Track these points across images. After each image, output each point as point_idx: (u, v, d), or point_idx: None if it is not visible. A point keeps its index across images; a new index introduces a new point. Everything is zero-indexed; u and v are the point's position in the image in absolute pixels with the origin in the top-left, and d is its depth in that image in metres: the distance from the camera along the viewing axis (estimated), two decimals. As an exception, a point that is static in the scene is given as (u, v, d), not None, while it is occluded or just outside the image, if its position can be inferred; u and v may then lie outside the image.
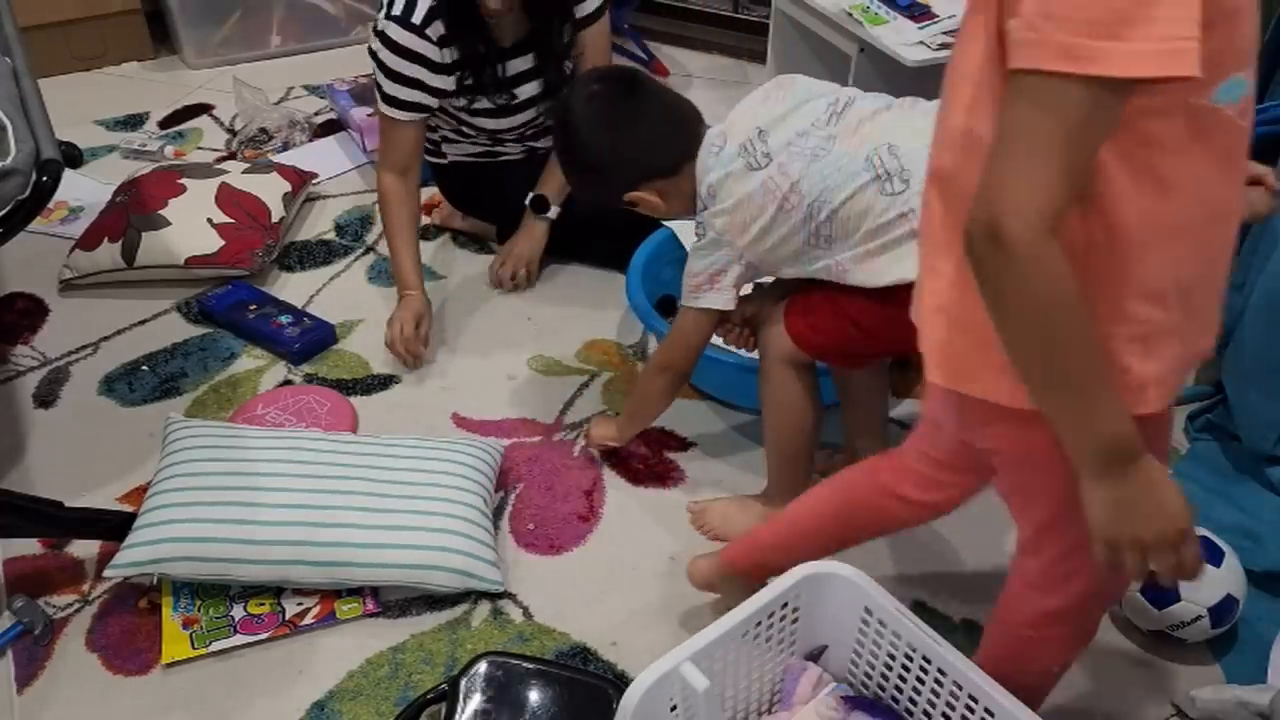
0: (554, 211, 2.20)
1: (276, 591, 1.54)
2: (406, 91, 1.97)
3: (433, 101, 2.01)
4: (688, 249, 2.07)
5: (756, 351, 1.67)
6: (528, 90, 2.08)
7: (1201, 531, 1.52)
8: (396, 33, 1.93)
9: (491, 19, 1.95)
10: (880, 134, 1.42)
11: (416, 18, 1.92)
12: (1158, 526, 0.88)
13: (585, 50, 2.11)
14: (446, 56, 1.96)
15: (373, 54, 1.97)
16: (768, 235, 1.47)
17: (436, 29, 1.94)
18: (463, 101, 2.06)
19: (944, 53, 2.09)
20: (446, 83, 1.99)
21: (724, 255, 1.52)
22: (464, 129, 2.16)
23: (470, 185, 2.31)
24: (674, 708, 1.16)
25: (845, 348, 1.55)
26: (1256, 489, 1.72)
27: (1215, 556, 1.47)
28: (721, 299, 1.54)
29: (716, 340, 1.97)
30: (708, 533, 1.69)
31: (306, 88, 3.03)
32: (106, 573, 1.49)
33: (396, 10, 1.93)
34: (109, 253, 2.15)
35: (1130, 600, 1.49)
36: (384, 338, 2.03)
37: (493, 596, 1.56)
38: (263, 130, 2.70)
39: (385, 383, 1.99)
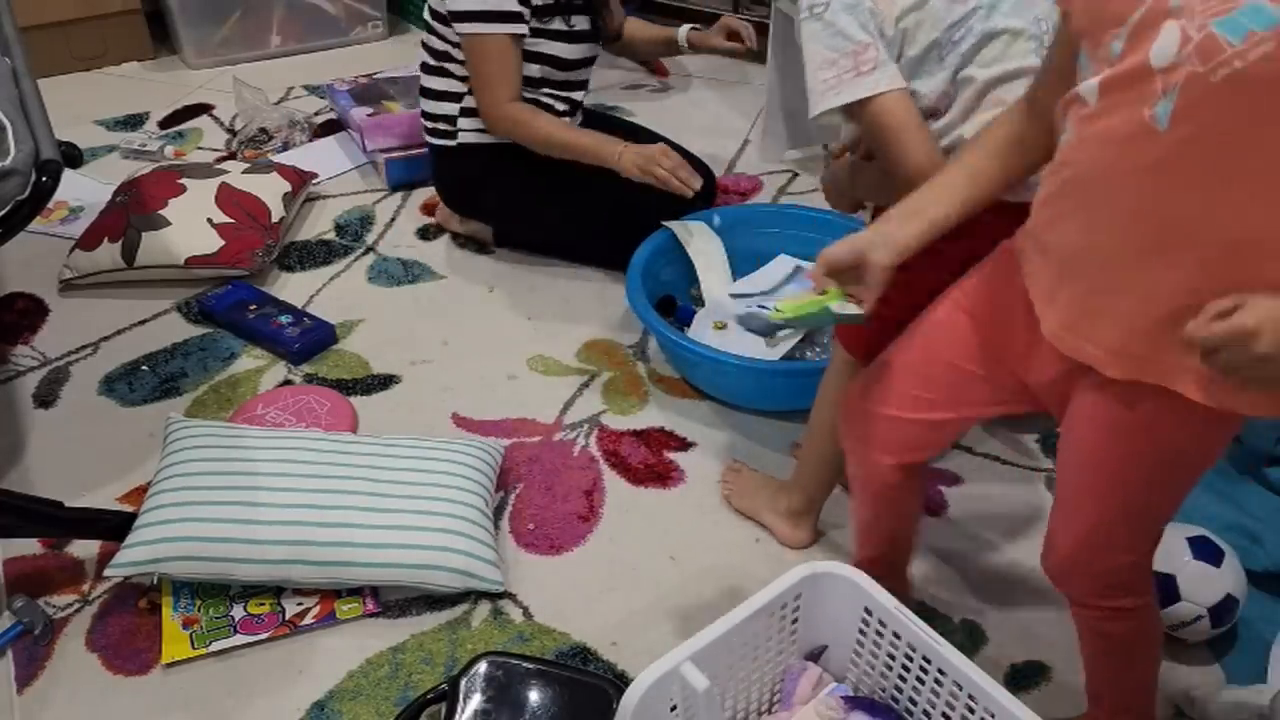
0: None
1: (276, 591, 1.54)
2: (499, 2, 1.98)
3: (525, 11, 2.01)
4: (688, 249, 2.09)
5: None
6: (580, 22, 2.12)
7: (1201, 531, 1.52)
8: None
9: None
10: None
11: None
12: None
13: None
14: None
15: None
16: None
17: None
18: (548, 22, 2.07)
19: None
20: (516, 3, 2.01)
21: (854, 25, 1.24)
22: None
23: (471, 178, 2.26)
24: (674, 708, 1.16)
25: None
26: (1256, 489, 1.73)
27: (1215, 556, 1.47)
28: (885, 76, 1.23)
29: (715, 341, 1.98)
30: (726, 493, 1.73)
31: (306, 88, 3.03)
32: (106, 572, 1.49)
33: None
34: (109, 253, 2.15)
35: None
36: (655, 169, 1.95)
37: (493, 596, 1.57)
38: (263, 130, 2.70)
39: (385, 383, 1.99)
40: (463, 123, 2.19)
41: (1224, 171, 0.86)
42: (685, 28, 2.37)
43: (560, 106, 2.20)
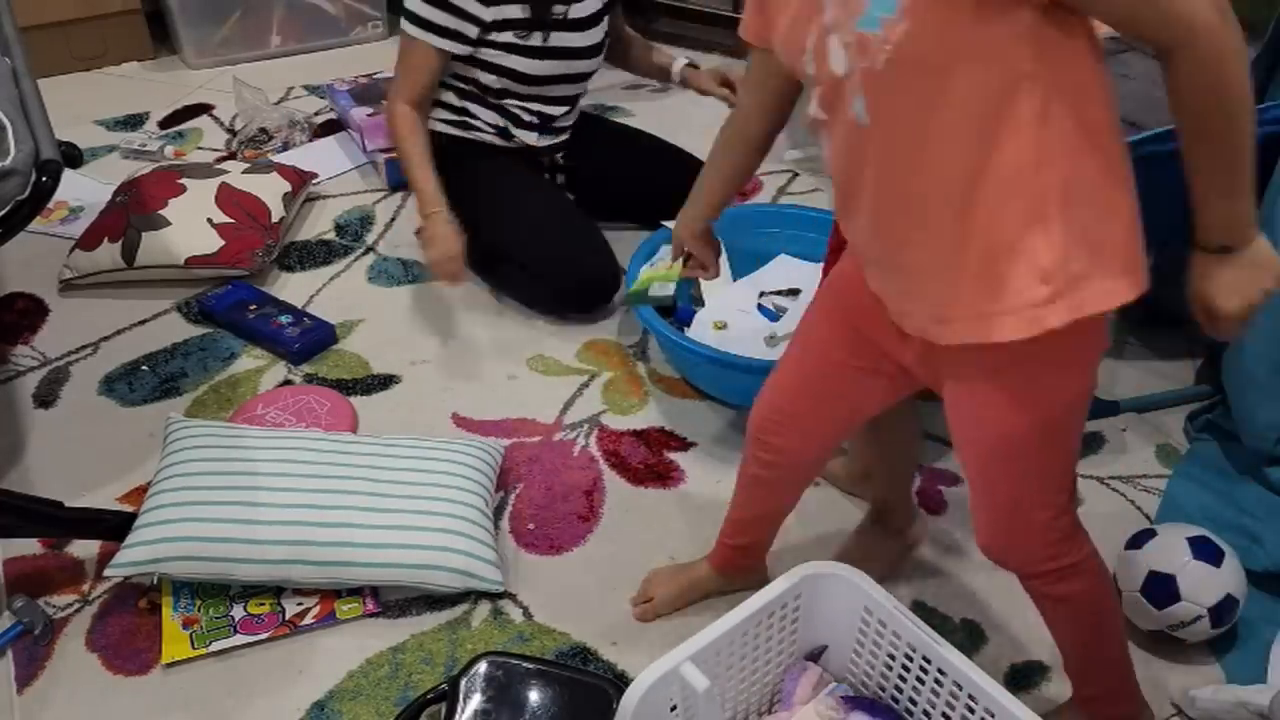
0: None
1: (276, 591, 1.54)
2: (442, 15, 1.97)
3: (470, 30, 2.00)
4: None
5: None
6: (556, 38, 2.09)
7: (1201, 531, 1.52)
8: None
9: None
10: None
11: None
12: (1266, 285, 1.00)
13: (615, 21, 2.22)
14: None
15: None
16: None
17: None
18: (506, 36, 2.04)
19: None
20: (495, 13, 1.99)
21: None
22: (478, 77, 2.12)
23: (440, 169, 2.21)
24: (674, 708, 1.16)
25: None
26: (1256, 489, 1.73)
27: (1215, 556, 1.47)
28: None
29: (715, 341, 1.97)
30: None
31: (306, 88, 3.03)
32: (106, 572, 1.49)
33: None
34: (109, 253, 2.15)
35: (1130, 600, 1.49)
36: (423, 259, 2.03)
37: (493, 596, 1.57)
38: (263, 130, 2.70)
39: (385, 383, 1.99)
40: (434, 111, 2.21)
41: (909, 148, 0.98)
42: (681, 62, 2.36)
43: (527, 118, 2.17)
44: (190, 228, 2.18)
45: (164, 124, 2.84)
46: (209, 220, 2.20)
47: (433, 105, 2.19)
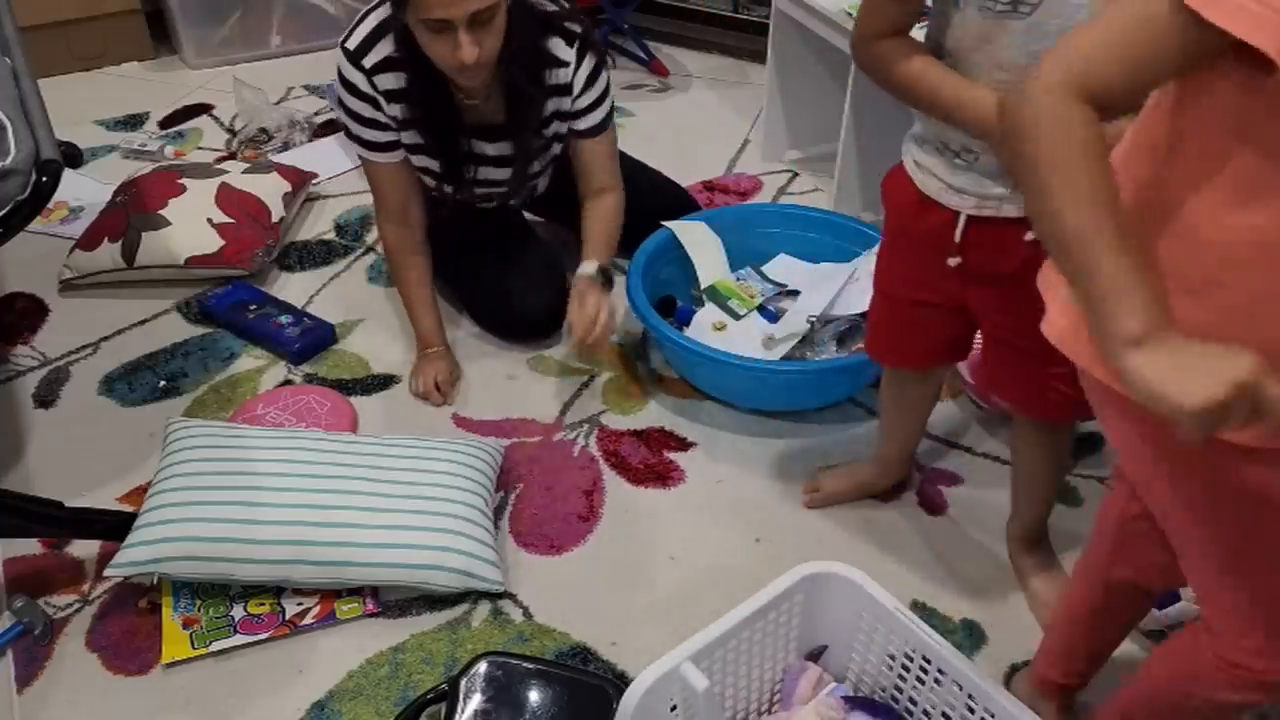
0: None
1: (276, 591, 1.54)
2: (373, 133, 1.85)
3: (397, 138, 1.88)
4: (688, 250, 2.09)
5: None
6: (490, 173, 1.96)
7: None
8: (347, 69, 1.80)
9: (468, 102, 1.83)
10: None
11: (369, 62, 1.77)
12: (1221, 374, 0.71)
13: (586, 162, 1.97)
14: (395, 112, 1.82)
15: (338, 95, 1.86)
16: None
17: (390, 80, 1.78)
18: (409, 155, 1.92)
19: (944, 53, 2.08)
20: (396, 136, 1.87)
21: None
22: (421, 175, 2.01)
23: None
24: (674, 708, 1.16)
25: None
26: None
27: None
28: None
29: (715, 341, 1.98)
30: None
31: (306, 88, 3.03)
32: (107, 572, 1.49)
33: (350, 45, 1.78)
34: (109, 253, 2.15)
35: None
36: (410, 386, 1.95)
37: (493, 596, 1.56)
38: (263, 130, 2.70)
39: (385, 383, 1.99)
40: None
41: None
42: (589, 268, 1.90)
43: (480, 204, 2.07)
44: (190, 228, 2.18)
45: (164, 124, 2.84)
46: (209, 220, 2.20)
47: None
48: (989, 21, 1.12)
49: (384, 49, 1.77)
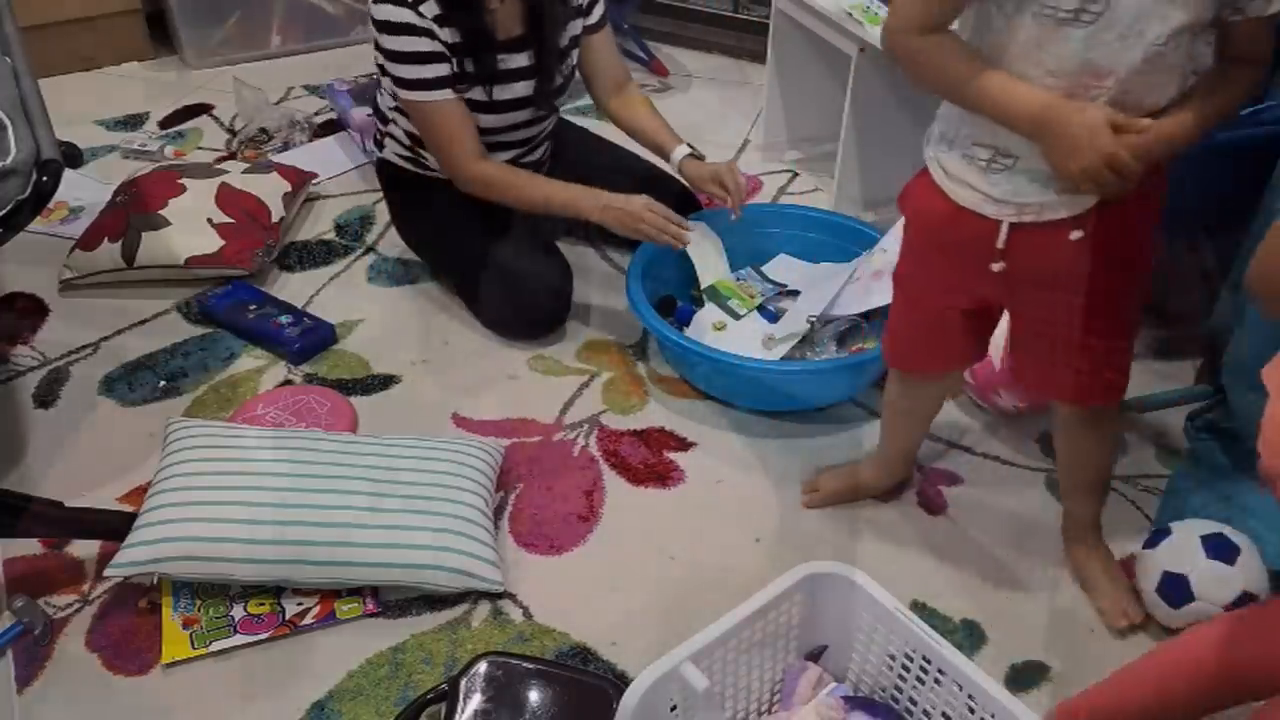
0: None
1: (276, 591, 1.54)
2: (429, 69, 1.86)
3: (455, 71, 1.89)
4: (688, 250, 2.09)
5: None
6: (519, 89, 1.99)
7: (1217, 528, 1.51)
8: (392, 12, 1.83)
9: (490, 7, 1.88)
10: None
11: None
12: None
13: (594, 57, 2.08)
14: (448, 36, 1.86)
15: (378, 47, 1.89)
16: None
17: (431, 7, 1.83)
18: (457, 88, 1.94)
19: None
20: (448, 67, 1.89)
21: None
22: (423, 156, 2.07)
23: (390, 198, 2.23)
24: (674, 708, 1.16)
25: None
26: (1256, 489, 1.72)
27: (1229, 554, 1.47)
28: None
29: (715, 341, 1.97)
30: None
31: (306, 88, 3.03)
32: (107, 572, 1.49)
33: None
34: (109, 253, 2.15)
35: (1149, 600, 1.50)
36: (636, 230, 1.91)
37: (493, 596, 1.56)
38: (263, 130, 2.70)
39: (385, 383, 1.99)
40: (389, 144, 2.14)
41: None
42: (683, 150, 2.06)
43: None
44: (190, 228, 2.18)
45: (164, 124, 2.84)
46: (209, 220, 2.20)
47: (386, 136, 2.13)
48: (1046, 29, 1.12)
49: None
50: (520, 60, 1.97)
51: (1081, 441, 1.52)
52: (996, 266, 1.28)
